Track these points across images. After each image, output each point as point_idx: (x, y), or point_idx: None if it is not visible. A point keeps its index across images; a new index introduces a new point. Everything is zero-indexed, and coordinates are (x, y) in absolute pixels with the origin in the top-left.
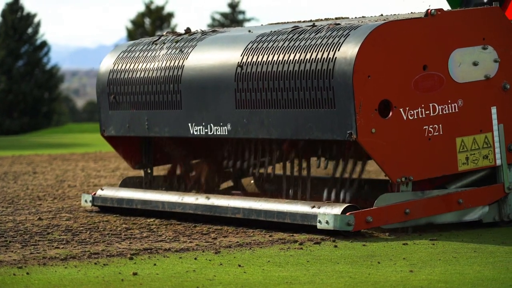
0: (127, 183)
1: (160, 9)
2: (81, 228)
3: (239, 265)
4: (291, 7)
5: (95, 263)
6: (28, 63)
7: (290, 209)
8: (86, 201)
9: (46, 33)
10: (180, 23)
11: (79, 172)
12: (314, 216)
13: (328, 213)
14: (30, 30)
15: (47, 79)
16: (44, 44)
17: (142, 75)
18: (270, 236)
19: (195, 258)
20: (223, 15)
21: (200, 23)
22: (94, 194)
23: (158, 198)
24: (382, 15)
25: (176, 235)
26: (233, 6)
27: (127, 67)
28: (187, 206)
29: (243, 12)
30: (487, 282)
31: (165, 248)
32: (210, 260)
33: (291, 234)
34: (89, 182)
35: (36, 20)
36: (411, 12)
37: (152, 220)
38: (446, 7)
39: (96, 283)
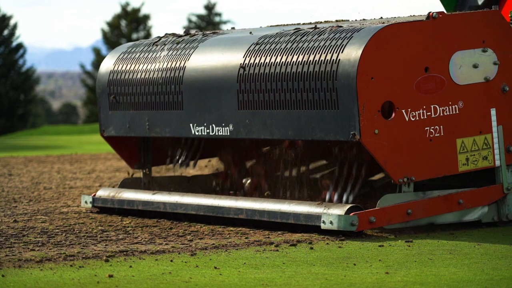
0: (127, 184)
1: (136, 11)
2: (57, 230)
3: (215, 267)
4: (267, 10)
5: (71, 266)
6: (4, 65)
7: (294, 210)
8: (86, 202)
9: (22, 35)
10: (156, 25)
11: (55, 174)
12: (318, 217)
13: (332, 213)
14: (6, 32)
15: (23, 81)
16: (20, 46)
17: (143, 76)
18: (246, 238)
19: (171, 260)
20: (200, 17)
21: (176, 25)
22: (94, 195)
23: (160, 199)
24: (381, 17)
25: (152, 237)
26: (209, 8)
27: (128, 68)
28: (189, 207)
29: (219, 15)
30: (462, 284)
31: (141, 250)
32: (186, 262)
33: (267, 236)
34: (65, 184)
35: (12, 22)
36: (411, 15)
37: (128, 222)
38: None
39: (72, 285)
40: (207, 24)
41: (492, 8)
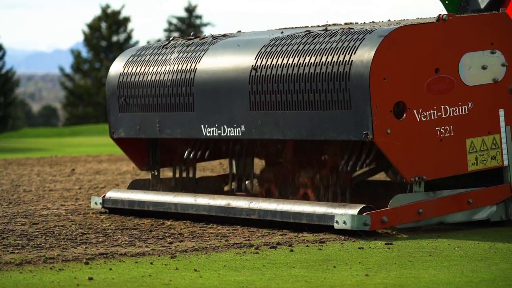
0: (136, 185)
1: (116, 13)
2: (37, 233)
3: (195, 270)
4: (248, 13)
5: (51, 268)
6: None
7: (307, 210)
8: (96, 203)
9: (1, 37)
10: (137, 28)
11: (34, 177)
12: (331, 217)
13: (345, 213)
14: None
15: (3, 83)
16: None
17: (153, 78)
18: (226, 240)
19: (151, 263)
20: (180, 19)
21: (157, 28)
22: (104, 196)
23: (171, 200)
24: (389, 20)
25: (132, 240)
26: (189, 10)
27: (138, 70)
28: (200, 208)
29: (200, 17)
30: (442, 286)
31: (121, 253)
32: (166, 265)
33: (247, 239)
34: (44, 187)
35: None
36: (418, 18)
37: (107, 224)
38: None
39: None
40: (187, 27)
41: (500, 10)
